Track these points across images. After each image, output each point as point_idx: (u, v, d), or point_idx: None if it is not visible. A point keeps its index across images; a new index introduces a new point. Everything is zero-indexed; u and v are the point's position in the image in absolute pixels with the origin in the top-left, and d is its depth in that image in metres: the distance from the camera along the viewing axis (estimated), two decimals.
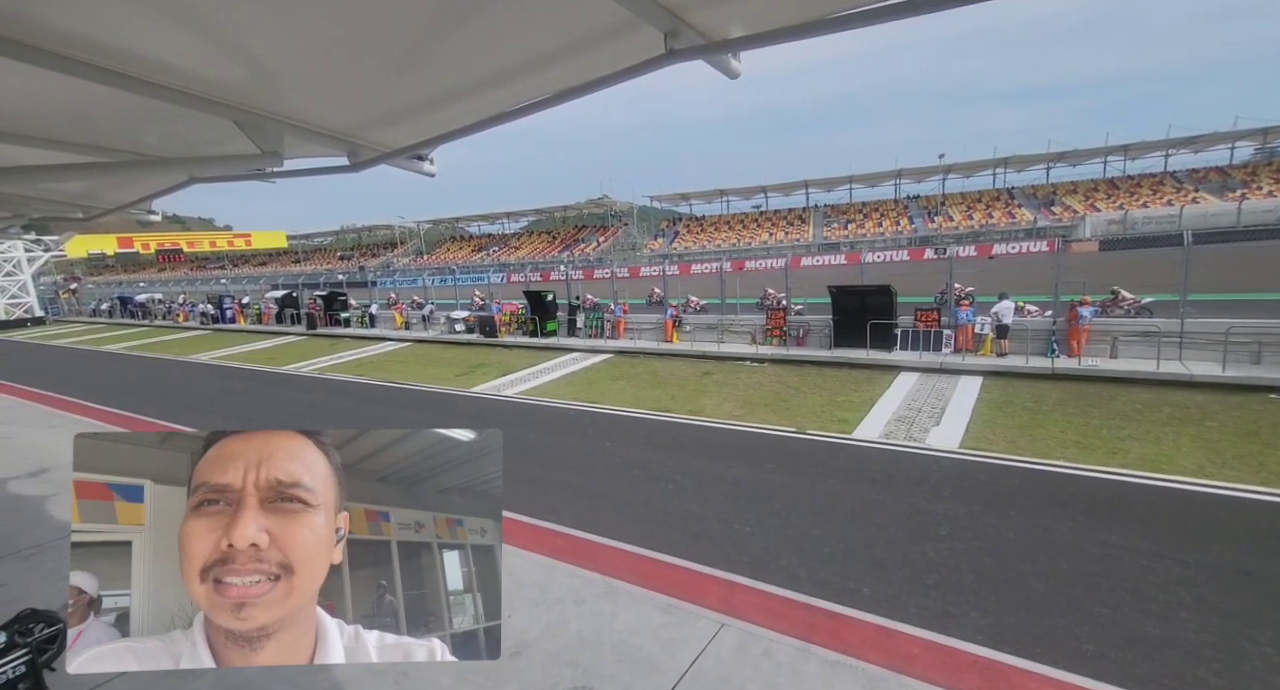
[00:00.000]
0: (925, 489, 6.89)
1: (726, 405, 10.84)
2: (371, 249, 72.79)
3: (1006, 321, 12.40)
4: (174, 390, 15.56)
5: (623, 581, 5.15)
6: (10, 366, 20.01)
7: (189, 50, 1.96)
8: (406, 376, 15.10)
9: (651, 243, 58.20)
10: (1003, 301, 12.48)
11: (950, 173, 53.81)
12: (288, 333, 25.97)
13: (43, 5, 1.65)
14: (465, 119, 2.57)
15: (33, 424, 11.73)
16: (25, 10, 1.66)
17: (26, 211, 4.83)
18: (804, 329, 15.08)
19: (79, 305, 44.80)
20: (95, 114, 2.54)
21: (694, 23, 1.99)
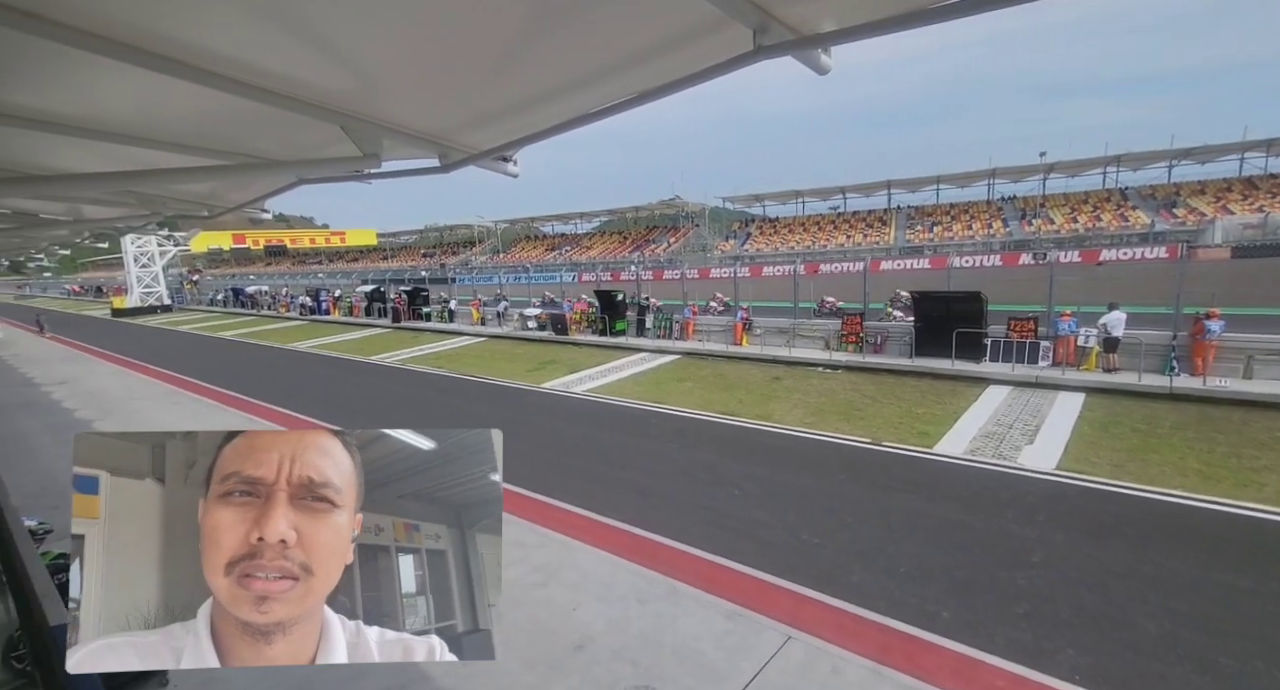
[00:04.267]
0: (1016, 511, 6.39)
1: (796, 411, 10.54)
2: (452, 247, 76.31)
3: (1117, 334, 11.29)
4: (276, 376, 16.95)
5: (686, 584, 5.10)
6: (144, 348, 22.52)
7: (304, 61, 2.10)
8: (481, 370, 15.71)
9: (722, 244, 57.58)
10: (1112, 312, 11.37)
11: (1052, 172, 49.60)
12: (375, 325, 27.69)
13: (183, 24, 1.82)
14: (551, 120, 2.61)
15: (160, 401, 13.14)
16: (167, 28, 1.83)
17: (162, 210, 5.39)
18: (882, 335, 14.42)
19: (199, 295, 49.83)
20: (221, 121, 2.78)
21: (784, 18, 1.92)
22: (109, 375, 16.56)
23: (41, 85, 2.38)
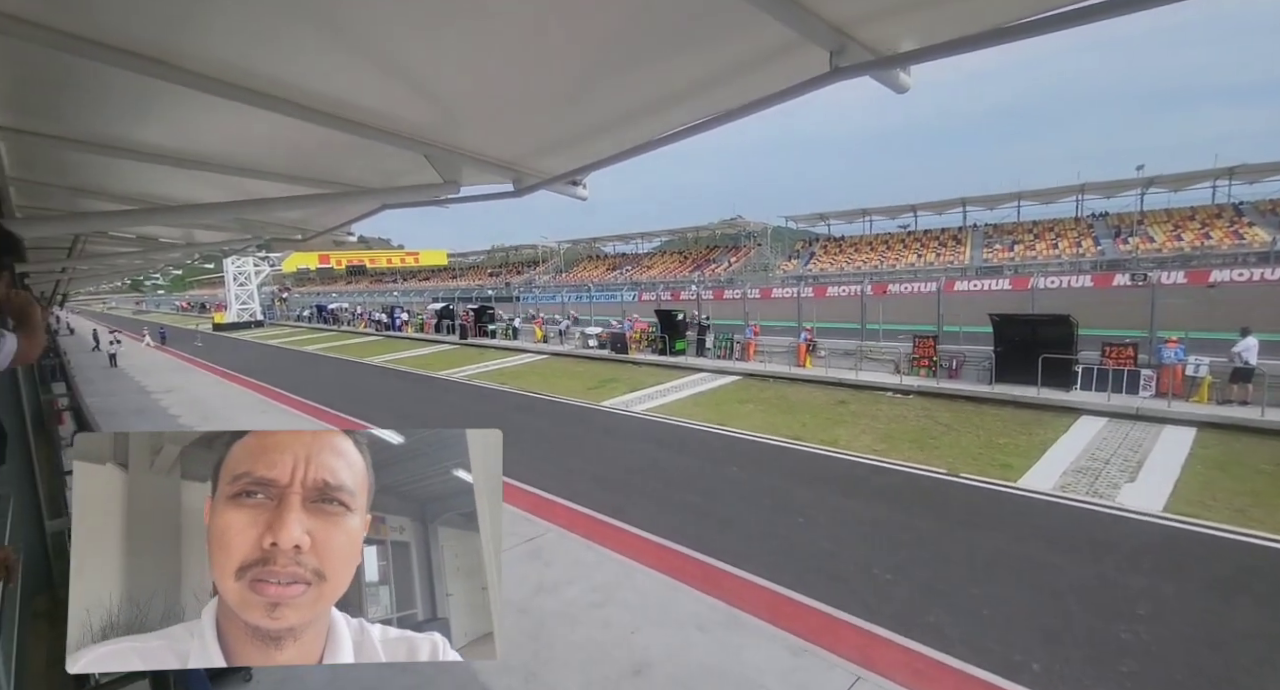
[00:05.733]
0: (1116, 556, 5.80)
1: (865, 437, 10.09)
2: (517, 267, 79.01)
3: (1252, 362, 10.13)
4: (353, 388, 17.95)
5: (749, 614, 4.92)
6: (239, 360, 24.46)
7: (394, 95, 2.24)
8: (543, 387, 16.02)
9: (785, 263, 56.64)
10: (1246, 339, 10.21)
11: (1151, 186, 45.85)
12: (443, 341, 28.89)
13: (289, 65, 1.98)
14: (623, 145, 2.65)
15: (250, 410, 14.18)
16: (276, 70, 2.00)
17: (262, 234, 5.87)
18: (958, 360, 13.65)
19: (288, 311, 53.78)
20: (317, 153, 3.00)
21: (862, 39, 1.87)
22: (209, 385, 18.06)
23: (169, 125, 2.65)
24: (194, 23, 1.70)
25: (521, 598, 5.13)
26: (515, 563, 5.72)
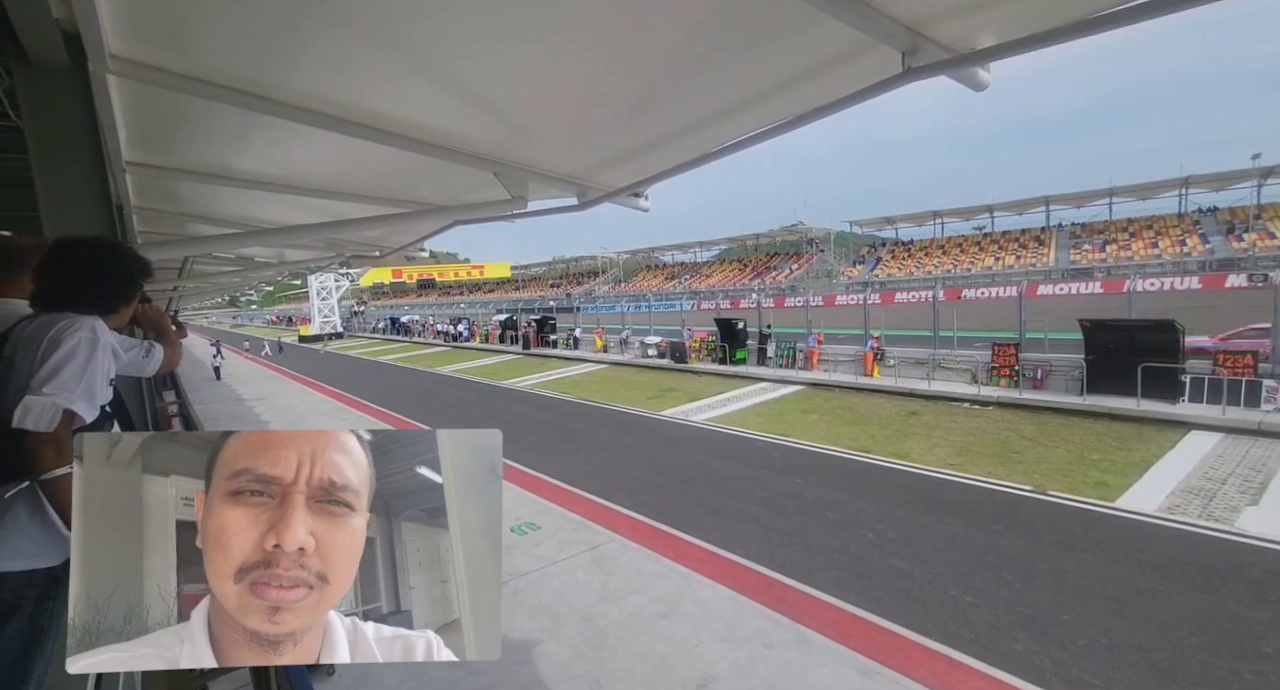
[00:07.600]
0: (1237, 586, 5.21)
1: (938, 450, 9.57)
2: (577, 278, 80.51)
3: None
4: (424, 397, 18.77)
5: (816, 632, 4.74)
6: (321, 369, 26.14)
7: (464, 117, 2.34)
8: (603, 396, 16.19)
9: (849, 270, 54.87)
10: None
11: (1270, 177, 41.27)
12: (507, 351, 29.77)
13: (370, 94, 2.11)
14: (686, 155, 2.66)
15: (331, 416, 15.09)
16: (359, 99, 2.14)
17: (344, 251, 6.27)
18: (1043, 369, 12.75)
19: (364, 323, 57.08)
20: (394, 174, 3.18)
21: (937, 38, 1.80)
22: (296, 393, 19.38)
23: (265, 154, 2.88)
24: (288, 58, 1.85)
25: (585, 605, 5.17)
26: (578, 570, 5.77)
